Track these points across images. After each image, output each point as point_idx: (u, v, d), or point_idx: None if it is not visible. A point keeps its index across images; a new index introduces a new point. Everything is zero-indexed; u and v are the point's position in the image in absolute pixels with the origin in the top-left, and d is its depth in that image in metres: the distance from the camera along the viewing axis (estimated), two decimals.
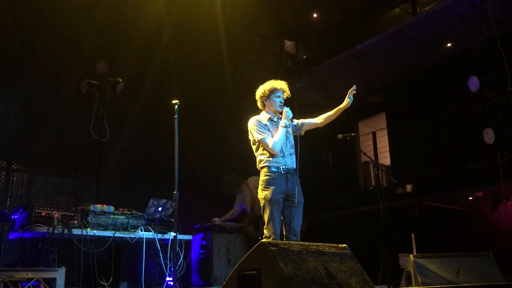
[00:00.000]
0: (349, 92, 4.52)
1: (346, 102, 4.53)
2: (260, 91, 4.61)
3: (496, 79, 5.26)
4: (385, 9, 7.65)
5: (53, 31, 6.64)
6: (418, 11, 6.81)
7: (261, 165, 4.42)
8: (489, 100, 5.35)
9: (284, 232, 4.30)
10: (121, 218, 5.28)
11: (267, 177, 4.33)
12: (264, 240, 3.19)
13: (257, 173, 4.51)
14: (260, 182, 4.37)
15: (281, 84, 4.59)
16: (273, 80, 4.62)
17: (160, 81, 7.52)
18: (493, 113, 5.45)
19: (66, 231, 4.77)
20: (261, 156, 4.43)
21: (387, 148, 8.73)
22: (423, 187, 7.45)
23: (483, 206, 7.09)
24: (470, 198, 7.44)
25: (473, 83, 5.42)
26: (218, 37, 7.85)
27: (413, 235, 5.43)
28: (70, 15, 6.67)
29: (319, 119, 4.66)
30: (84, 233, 4.89)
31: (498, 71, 5.26)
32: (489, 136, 5.22)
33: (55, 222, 4.82)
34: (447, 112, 7.57)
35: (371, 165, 8.87)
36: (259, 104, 4.66)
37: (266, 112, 4.60)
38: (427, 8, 6.70)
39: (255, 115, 4.64)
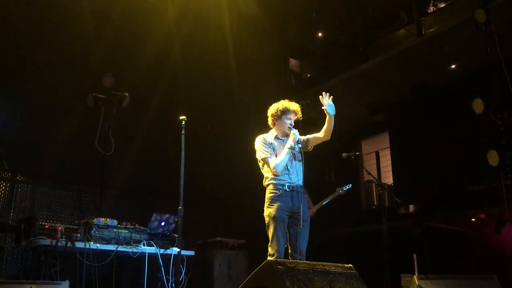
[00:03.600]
0: (323, 104, 4.44)
1: (327, 114, 4.46)
2: (273, 109, 4.61)
3: (501, 101, 5.29)
4: (390, 30, 7.73)
5: (62, 44, 6.70)
6: (423, 33, 6.87)
7: (266, 183, 4.44)
8: (493, 121, 5.37)
9: (289, 251, 4.29)
10: (124, 232, 5.27)
11: (272, 194, 4.34)
12: (270, 258, 3.19)
13: (263, 190, 4.52)
14: (266, 199, 4.38)
15: (294, 106, 4.59)
16: (287, 100, 4.62)
17: (167, 97, 7.57)
18: (497, 135, 5.46)
19: (69, 244, 4.76)
20: (266, 174, 4.46)
21: (390, 168, 8.75)
22: (426, 207, 7.44)
23: (486, 228, 7.08)
24: (473, 219, 7.43)
25: None
26: (225, 55, 7.92)
27: (415, 255, 5.39)
28: (80, 30, 6.74)
29: (322, 133, 4.62)
30: (87, 246, 4.87)
31: (502, 93, 5.29)
32: (493, 158, 5.22)
33: (59, 234, 4.81)
34: (450, 133, 7.60)
35: (374, 184, 8.87)
36: (269, 121, 4.66)
37: (275, 130, 4.63)
38: (432, 29, 6.76)
39: (261, 133, 4.66)
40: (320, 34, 9.03)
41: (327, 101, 4.45)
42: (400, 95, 8.28)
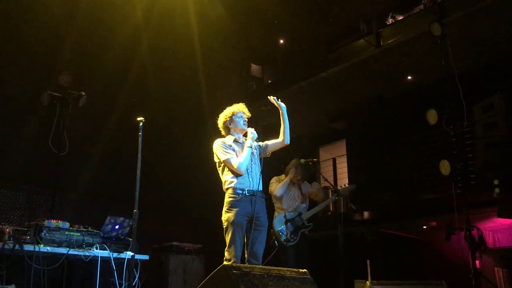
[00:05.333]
0: (273, 102, 4.70)
1: (279, 108, 4.70)
2: (222, 117, 4.75)
3: (453, 112, 5.45)
4: (350, 40, 7.87)
5: (22, 41, 6.48)
6: (381, 44, 7.03)
7: (226, 187, 4.43)
8: (446, 132, 5.54)
9: (245, 255, 4.28)
10: (76, 235, 5.13)
11: (231, 199, 4.33)
12: (225, 263, 3.18)
13: (221, 194, 4.51)
14: (224, 204, 4.37)
15: (239, 107, 4.77)
16: (230, 106, 4.78)
17: (126, 99, 7.43)
18: (449, 145, 5.64)
19: (17, 246, 4.59)
20: (226, 177, 4.45)
21: (346, 174, 8.88)
22: (380, 214, 7.58)
23: (437, 235, 7.27)
24: (425, 227, 7.62)
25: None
26: (188, 57, 7.86)
27: (368, 261, 5.50)
28: (43, 25, 6.52)
29: (280, 136, 4.77)
30: (37, 249, 4.71)
31: (455, 105, 5.46)
32: (445, 167, 5.38)
33: (6, 237, 4.63)
34: (405, 142, 7.81)
35: (330, 191, 8.99)
36: (223, 132, 4.75)
37: (232, 134, 4.66)
38: (390, 41, 6.93)
39: (220, 137, 4.69)
40: (281, 41, 9.10)
41: (277, 101, 4.70)
42: (358, 104, 8.45)
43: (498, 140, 5.23)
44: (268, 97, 4.73)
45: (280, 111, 4.68)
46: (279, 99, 4.72)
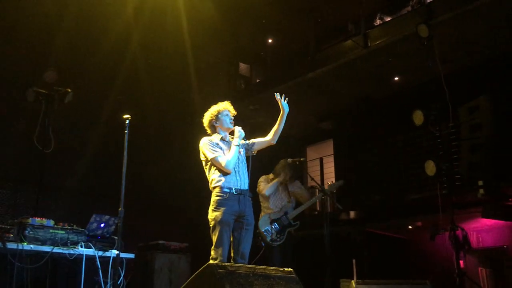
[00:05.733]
0: (277, 100, 4.64)
1: (282, 109, 4.64)
2: (207, 116, 4.70)
3: (439, 114, 5.50)
4: (338, 40, 7.90)
5: (12, 36, 6.41)
6: (369, 44, 7.06)
7: (213, 185, 4.40)
8: (432, 133, 5.58)
9: (231, 254, 4.27)
10: (60, 233, 5.06)
11: (218, 198, 4.30)
12: (211, 262, 3.17)
13: (208, 193, 4.49)
14: (211, 203, 4.34)
15: (224, 105, 4.72)
16: (215, 105, 4.74)
17: (115, 96, 7.38)
18: (435, 146, 5.69)
19: (0, 244, 4.53)
20: (213, 176, 4.42)
21: (333, 174, 8.92)
22: (366, 214, 7.62)
23: (422, 235, 7.33)
24: (410, 227, 7.68)
25: None
26: (177, 55, 7.83)
27: (354, 261, 5.52)
28: (34, 24, 6.46)
29: (269, 136, 4.74)
30: (20, 247, 4.65)
31: (441, 106, 5.51)
32: (430, 168, 5.42)
33: None
34: (392, 142, 7.87)
35: (317, 190, 9.01)
36: (209, 130, 4.71)
37: (218, 133, 4.64)
38: (377, 42, 6.97)
39: (206, 135, 4.66)
40: (270, 41, 9.11)
41: (282, 101, 4.61)
42: (345, 104, 8.49)
43: (483, 141, 5.28)
44: (275, 94, 4.66)
45: (282, 112, 4.62)
46: (286, 99, 4.66)
